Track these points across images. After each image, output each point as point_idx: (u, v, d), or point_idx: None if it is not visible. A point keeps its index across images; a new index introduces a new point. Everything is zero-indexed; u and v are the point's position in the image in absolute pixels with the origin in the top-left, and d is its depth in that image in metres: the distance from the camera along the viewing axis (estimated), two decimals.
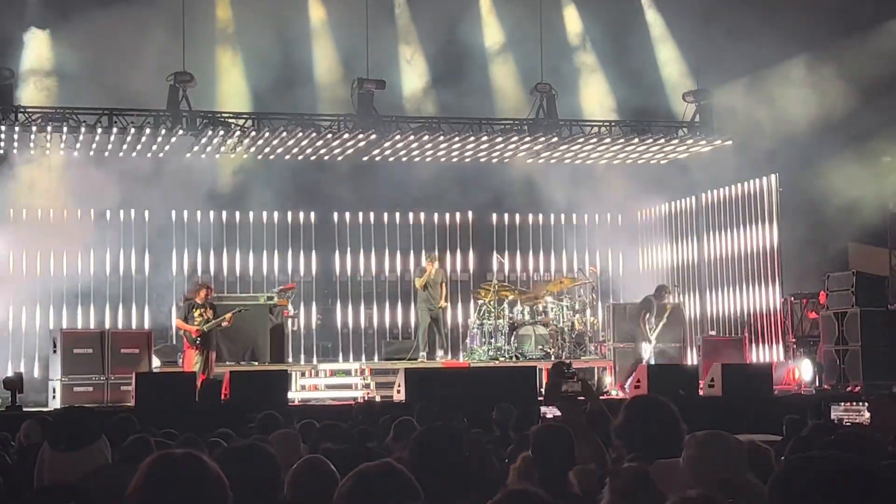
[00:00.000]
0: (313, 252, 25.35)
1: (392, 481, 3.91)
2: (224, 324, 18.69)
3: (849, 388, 19.70)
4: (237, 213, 24.62)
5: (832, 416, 9.54)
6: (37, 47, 21.38)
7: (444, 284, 22.13)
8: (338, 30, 23.00)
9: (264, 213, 24.83)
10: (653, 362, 19.94)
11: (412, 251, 25.81)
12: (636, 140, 23.55)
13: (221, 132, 21.65)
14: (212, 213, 24.53)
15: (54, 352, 18.72)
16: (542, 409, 8.24)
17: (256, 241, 24.83)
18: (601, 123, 23.38)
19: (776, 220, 22.61)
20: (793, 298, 23.02)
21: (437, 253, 23.46)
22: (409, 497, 3.88)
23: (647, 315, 20.55)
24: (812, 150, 22.17)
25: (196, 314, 18.49)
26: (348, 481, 3.88)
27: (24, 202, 22.47)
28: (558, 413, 7.68)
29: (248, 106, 22.27)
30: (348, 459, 5.77)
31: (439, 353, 21.85)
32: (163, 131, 21.29)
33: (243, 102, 22.32)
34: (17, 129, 20.86)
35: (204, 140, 21.94)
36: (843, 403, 9.15)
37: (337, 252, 25.53)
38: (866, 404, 8.52)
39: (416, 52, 23.47)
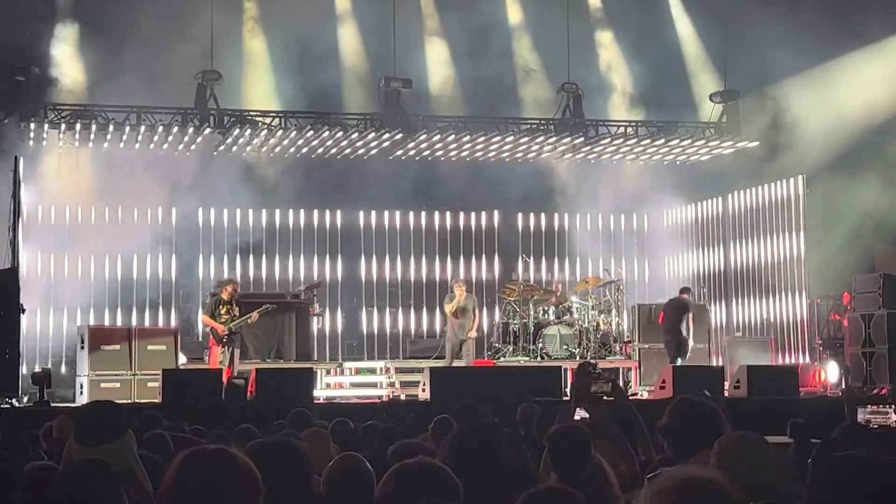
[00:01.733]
0: (339, 255, 25.24)
1: (432, 479, 3.93)
2: (250, 321, 18.72)
3: (875, 391, 19.60)
4: (263, 212, 24.53)
5: (859, 419, 9.49)
6: (66, 46, 21.47)
7: (475, 311, 20.87)
8: (365, 28, 23.04)
9: (290, 213, 24.79)
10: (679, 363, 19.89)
11: (437, 254, 25.71)
12: (662, 140, 23.53)
13: (248, 130, 21.74)
14: (238, 213, 24.46)
15: (82, 348, 18.83)
16: (575, 410, 8.22)
17: (283, 244, 24.76)
18: (627, 123, 23.38)
19: (803, 222, 22.50)
20: (819, 301, 22.93)
21: (462, 278, 22.53)
22: (450, 495, 3.90)
23: (688, 315, 20.49)
24: (840, 153, 22.13)
25: (223, 311, 18.53)
26: (390, 479, 3.90)
27: (52, 201, 22.48)
28: (586, 415, 7.68)
29: (276, 105, 22.33)
30: (381, 459, 5.80)
31: None
32: (190, 129, 21.40)
33: (271, 101, 22.38)
34: (46, 126, 20.98)
35: (230, 139, 22.03)
36: (869, 406, 9.12)
37: (363, 256, 25.37)
38: (894, 406, 8.50)
39: (442, 51, 23.47)
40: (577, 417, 7.70)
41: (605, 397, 7.57)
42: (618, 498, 5.65)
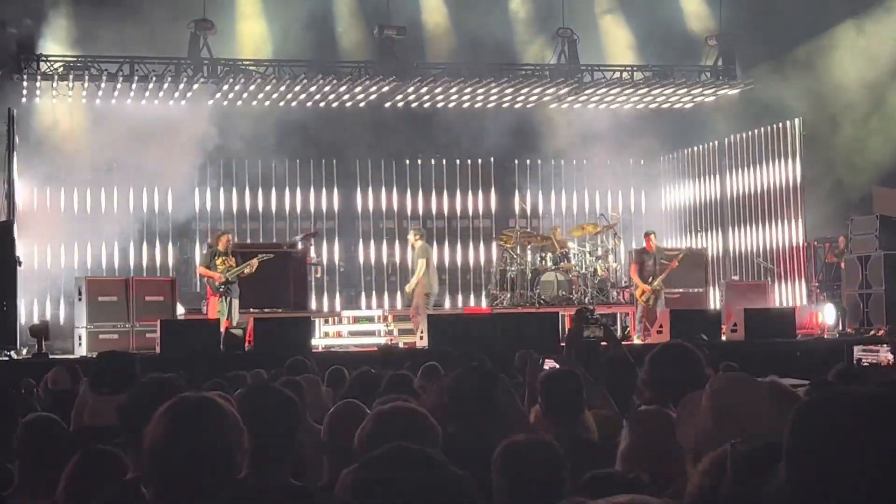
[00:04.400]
0: (335, 193, 25.35)
1: (412, 424, 3.93)
2: (247, 270, 18.65)
3: (872, 332, 19.65)
4: (259, 161, 24.57)
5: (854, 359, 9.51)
6: None
7: (417, 263, 19.98)
8: None
9: (287, 160, 24.78)
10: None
11: (434, 192, 25.86)
12: (658, 85, 23.44)
13: (242, 79, 21.64)
14: (234, 161, 24.50)
15: (79, 300, 18.84)
16: (546, 362, 8.23)
17: (279, 186, 24.84)
18: (623, 68, 23.27)
19: (799, 163, 22.47)
20: (816, 243, 22.95)
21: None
22: (427, 439, 3.91)
23: (635, 266, 20.67)
24: (834, 97, 22.06)
25: (219, 262, 18.50)
26: (367, 424, 3.91)
27: (48, 143, 22.34)
28: (556, 366, 7.72)
29: (269, 53, 22.22)
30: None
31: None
32: (184, 80, 21.30)
33: (264, 49, 22.26)
34: (38, 77, 20.90)
35: (225, 87, 21.94)
36: (861, 345, 9.14)
37: (359, 192, 25.52)
38: (886, 345, 8.50)
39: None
40: (546, 367, 7.74)
41: (599, 342, 7.58)
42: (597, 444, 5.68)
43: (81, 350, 18.06)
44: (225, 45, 21.75)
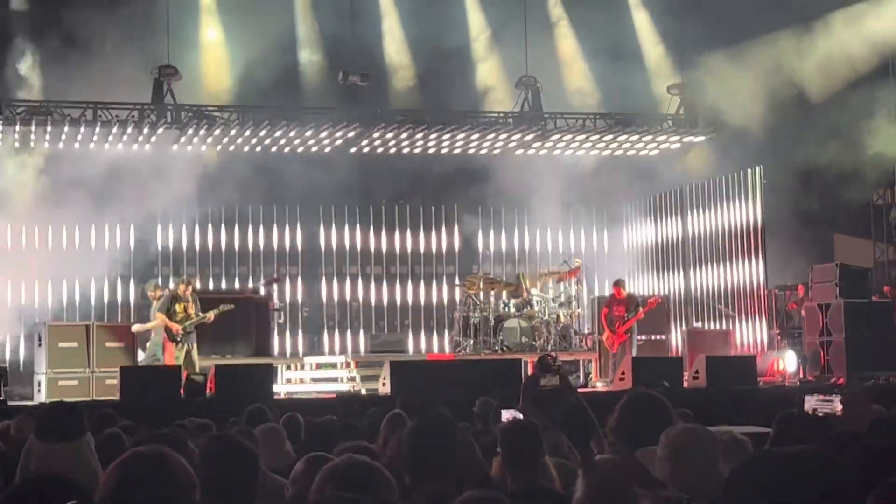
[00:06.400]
0: (299, 233, 25.36)
1: (365, 478, 3.92)
2: (206, 321, 18.56)
3: (833, 380, 19.77)
4: (222, 205, 24.57)
5: (805, 408, 9.55)
6: (22, 41, 21.32)
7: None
8: (323, 21, 22.99)
9: (250, 207, 24.80)
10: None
11: (397, 235, 25.99)
12: (621, 133, 23.62)
13: (206, 125, 21.66)
14: (197, 207, 24.48)
15: (39, 345, 18.71)
16: (504, 413, 8.23)
17: (242, 232, 24.85)
18: (586, 116, 23.42)
19: (760, 207, 22.59)
20: (777, 290, 23.09)
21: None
22: (384, 493, 3.90)
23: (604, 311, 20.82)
24: (797, 142, 22.28)
25: (178, 308, 18.39)
26: (320, 480, 3.91)
27: (15, 181, 22.25)
28: (519, 416, 7.72)
29: (234, 99, 22.25)
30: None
31: None
32: (147, 125, 21.29)
33: (228, 96, 22.29)
34: (0, 123, 20.85)
35: (189, 132, 21.94)
36: (816, 395, 9.19)
37: (322, 235, 25.53)
38: (839, 396, 8.56)
39: (401, 45, 23.49)
40: (504, 418, 7.72)
41: (555, 391, 7.59)
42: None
43: (41, 396, 17.92)
44: (189, 91, 21.76)
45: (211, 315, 18.57)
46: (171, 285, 20.42)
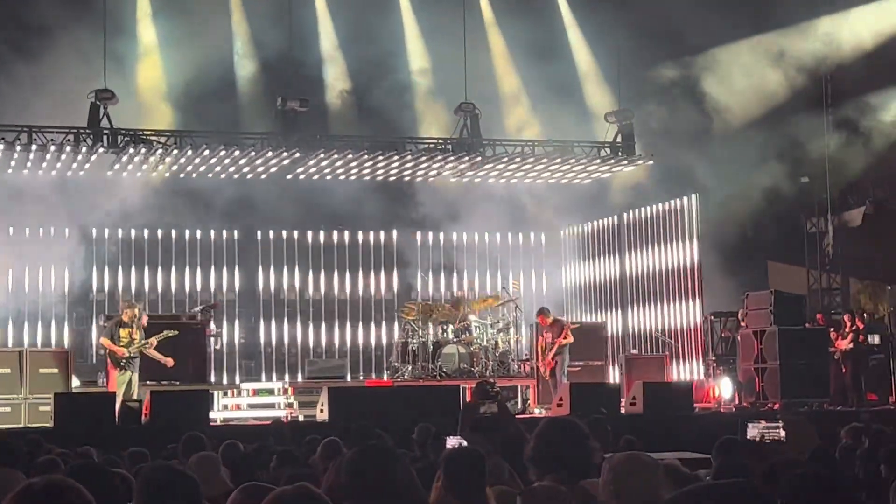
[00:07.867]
0: (236, 268, 25.21)
1: None
2: (149, 347, 18.42)
3: (767, 406, 19.95)
4: (159, 231, 24.41)
5: (748, 435, 9.63)
6: None
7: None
8: (261, 47, 22.95)
9: (186, 232, 24.66)
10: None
11: (336, 269, 25.81)
12: (559, 160, 23.71)
13: (143, 150, 21.47)
14: (133, 231, 24.32)
15: None
16: (449, 440, 8.19)
17: (178, 258, 24.66)
18: (524, 143, 23.50)
19: (696, 240, 22.76)
20: (712, 317, 23.27)
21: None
22: None
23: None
24: (731, 170, 22.53)
25: (123, 333, 18.21)
26: None
27: None
28: (464, 442, 7.70)
29: (171, 124, 22.09)
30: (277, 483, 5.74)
31: None
32: (83, 149, 21.07)
33: (166, 120, 22.13)
34: None
35: (125, 158, 21.74)
36: (760, 421, 9.26)
37: (260, 269, 25.39)
38: (782, 423, 8.65)
39: (340, 71, 23.50)
40: (449, 445, 7.69)
41: (494, 418, 7.58)
42: None
43: None
44: (126, 115, 21.56)
45: (154, 341, 18.42)
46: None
